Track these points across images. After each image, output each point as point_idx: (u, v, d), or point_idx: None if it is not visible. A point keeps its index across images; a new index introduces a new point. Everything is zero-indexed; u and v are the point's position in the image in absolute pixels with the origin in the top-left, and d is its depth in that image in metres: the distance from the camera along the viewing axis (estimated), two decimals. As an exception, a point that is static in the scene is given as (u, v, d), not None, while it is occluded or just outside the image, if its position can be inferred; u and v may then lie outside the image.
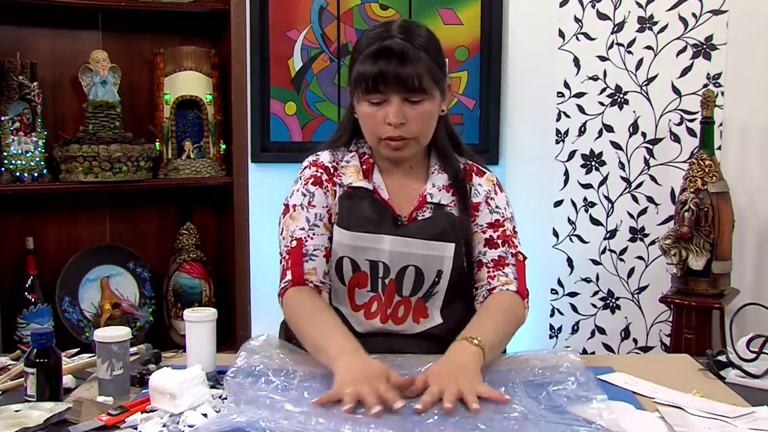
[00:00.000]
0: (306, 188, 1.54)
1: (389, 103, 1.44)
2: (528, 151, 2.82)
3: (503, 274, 1.52)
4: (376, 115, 1.46)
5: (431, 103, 1.47)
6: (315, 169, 1.56)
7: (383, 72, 1.42)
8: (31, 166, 2.36)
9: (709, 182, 2.36)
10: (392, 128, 1.45)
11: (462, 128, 2.85)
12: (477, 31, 2.83)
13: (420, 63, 1.43)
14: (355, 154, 1.57)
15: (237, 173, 2.56)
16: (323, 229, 1.51)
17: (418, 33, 1.47)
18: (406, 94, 1.44)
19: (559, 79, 2.75)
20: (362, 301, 1.52)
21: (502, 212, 1.57)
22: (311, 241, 1.50)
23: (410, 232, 1.49)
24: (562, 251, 2.80)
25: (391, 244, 1.48)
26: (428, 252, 1.48)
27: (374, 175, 1.55)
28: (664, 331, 2.67)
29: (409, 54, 1.42)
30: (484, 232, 1.55)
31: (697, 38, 2.59)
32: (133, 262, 2.57)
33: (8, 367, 1.44)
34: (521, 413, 1.15)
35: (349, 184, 1.54)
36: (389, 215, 1.52)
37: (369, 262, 1.49)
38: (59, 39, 2.51)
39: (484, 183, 1.59)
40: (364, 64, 1.44)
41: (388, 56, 1.42)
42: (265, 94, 2.84)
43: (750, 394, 1.31)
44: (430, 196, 1.54)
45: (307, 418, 1.10)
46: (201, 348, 1.40)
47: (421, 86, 1.43)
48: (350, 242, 1.49)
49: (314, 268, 1.49)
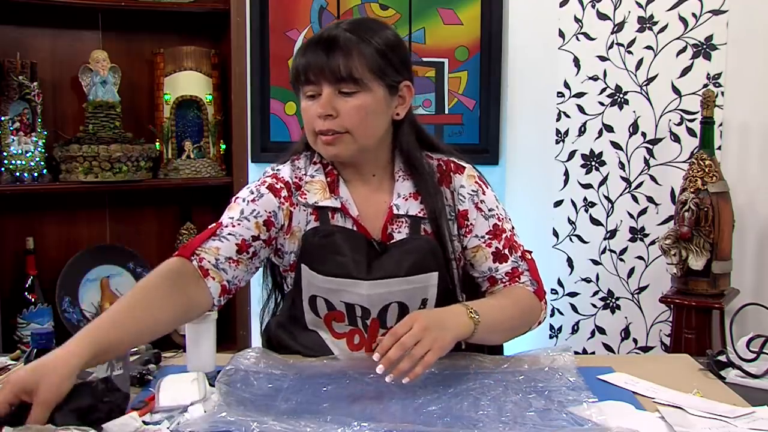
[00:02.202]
0: (258, 188, 1.44)
1: (322, 96, 1.37)
2: (528, 151, 2.82)
3: (520, 283, 1.48)
4: (310, 109, 1.38)
5: (368, 97, 1.37)
6: (274, 181, 1.45)
7: (311, 62, 1.36)
8: (31, 166, 2.36)
9: (709, 182, 2.36)
10: (321, 121, 1.36)
11: (462, 128, 2.86)
12: (477, 31, 2.83)
13: (354, 53, 1.35)
14: (320, 166, 1.47)
15: (237, 173, 2.56)
16: (253, 225, 1.39)
17: (369, 27, 1.41)
18: (337, 85, 1.35)
19: (559, 79, 2.75)
20: (342, 331, 1.45)
21: (496, 213, 1.49)
22: (231, 227, 1.38)
23: (388, 268, 1.39)
24: (562, 251, 2.80)
25: (369, 289, 1.39)
26: (411, 286, 1.40)
27: (340, 188, 1.45)
28: (664, 331, 2.67)
29: (340, 44, 1.35)
30: (489, 245, 1.47)
31: (697, 38, 2.59)
32: (133, 262, 2.57)
33: (8, 367, 1.44)
34: (512, 414, 1.15)
35: (314, 203, 1.43)
36: (362, 243, 1.41)
37: (345, 303, 1.41)
38: (59, 39, 2.51)
39: (466, 182, 1.49)
40: (297, 55, 1.39)
41: (317, 46, 1.36)
42: (265, 94, 2.84)
43: (750, 394, 1.31)
44: (396, 207, 1.44)
45: (296, 420, 1.10)
46: (201, 348, 1.40)
47: (351, 76, 1.35)
48: (323, 285, 1.40)
49: (217, 247, 1.35)
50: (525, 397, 1.23)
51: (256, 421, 1.08)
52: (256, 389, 1.24)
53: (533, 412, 1.16)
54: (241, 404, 1.17)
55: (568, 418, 1.14)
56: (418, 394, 1.23)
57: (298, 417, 1.12)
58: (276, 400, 1.20)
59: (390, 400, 1.21)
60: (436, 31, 2.83)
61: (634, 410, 1.21)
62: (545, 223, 2.80)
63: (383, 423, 1.11)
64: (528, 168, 2.82)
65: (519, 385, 1.27)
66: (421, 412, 1.16)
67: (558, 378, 1.30)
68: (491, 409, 1.17)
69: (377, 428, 1.08)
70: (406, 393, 1.23)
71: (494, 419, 1.13)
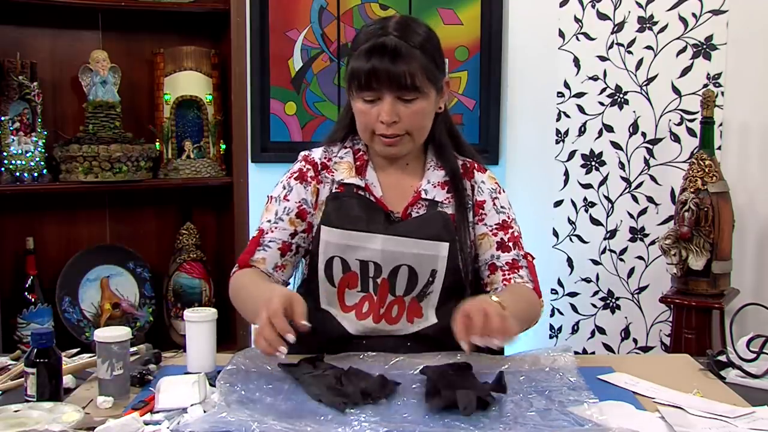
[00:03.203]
0: (288, 182, 1.56)
1: (382, 101, 1.44)
2: (528, 151, 2.82)
3: (519, 276, 1.53)
4: (370, 112, 1.46)
5: (425, 101, 1.46)
6: (303, 164, 1.57)
7: (375, 69, 1.41)
8: (31, 166, 2.36)
9: (709, 182, 2.36)
10: (385, 126, 1.45)
11: (462, 128, 2.86)
12: (477, 31, 2.84)
13: (413, 61, 1.42)
14: (350, 150, 1.57)
15: (237, 173, 2.56)
16: (287, 223, 1.52)
17: (414, 30, 1.46)
18: (399, 92, 1.43)
19: (559, 79, 2.75)
20: (353, 302, 1.50)
21: (508, 213, 1.58)
22: (271, 233, 1.52)
23: (402, 230, 1.48)
24: (562, 251, 2.80)
25: (383, 243, 1.46)
26: (422, 251, 1.47)
27: (368, 171, 1.55)
28: (664, 331, 2.67)
29: (402, 52, 1.41)
30: (494, 234, 1.55)
31: (697, 38, 2.59)
32: (133, 262, 2.57)
33: (8, 367, 1.44)
34: (512, 414, 1.15)
35: (340, 180, 1.53)
36: (380, 213, 1.50)
37: (360, 261, 1.48)
38: (59, 39, 2.51)
39: (487, 180, 1.59)
40: (358, 60, 1.44)
41: (381, 54, 1.41)
42: (265, 94, 2.84)
43: (750, 394, 1.31)
44: (424, 192, 1.53)
45: (296, 420, 1.10)
46: (201, 348, 1.40)
47: (413, 85, 1.42)
48: (340, 241, 1.48)
49: (263, 258, 1.51)
50: (525, 397, 1.23)
51: (256, 421, 1.08)
52: (256, 389, 1.24)
53: (534, 412, 1.16)
54: (241, 404, 1.17)
55: (568, 419, 1.14)
56: (419, 393, 1.23)
57: (298, 417, 1.12)
58: (276, 400, 1.20)
59: (390, 399, 1.21)
60: (436, 31, 2.81)
61: (634, 410, 1.21)
62: (545, 223, 2.80)
63: (383, 423, 1.11)
64: (528, 168, 2.82)
65: (519, 385, 1.28)
66: (421, 412, 1.16)
67: (558, 378, 1.30)
68: (492, 409, 1.17)
69: (377, 428, 1.08)
70: (407, 393, 1.23)
71: (494, 419, 1.14)
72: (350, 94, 1.50)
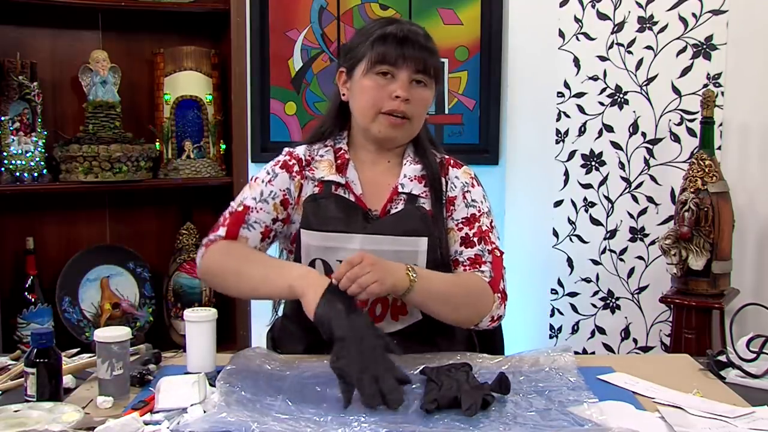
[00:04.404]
0: (273, 169, 1.57)
1: (396, 79, 1.48)
2: (528, 151, 2.82)
3: (480, 271, 1.51)
4: (384, 88, 1.48)
5: (430, 92, 1.53)
6: (288, 158, 1.58)
7: (403, 42, 1.47)
8: (31, 166, 2.36)
9: (709, 182, 2.36)
10: (398, 102, 1.48)
11: (462, 128, 2.86)
12: (477, 31, 2.83)
13: (433, 53, 1.52)
14: (330, 149, 1.58)
15: (237, 173, 2.56)
16: (272, 207, 1.53)
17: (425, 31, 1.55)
18: (416, 75, 1.49)
19: (559, 79, 2.75)
20: None
21: (478, 206, 1.57)
22: (256, 213, 1.52)
23: (380, 228, 1.49)
24: (562, 251, 2.80)
25: (362, 243, 1.46)
26: (401, 248, 1.47)
27: (348, 170, 1.55)
28: (664, 331, 2.67)
29: (424, 39, 1.51)
30: (459, 230, 1.54)
31: (697, 38, 2.59)
32: (133, 262, 2.57)
33: (8, 367, 1.44)
34: (512, 414, 1.15)
35: (320, 178, 1.54)
36: (359, 211, 1.51)
37: (340, 262, 1.45)
38: (59, 39, 2.51)
39: (461, 175, 1.60)
40: (385, 40, 1.48)
41: (406, 33, 1.49)
42: (265, 94, 2.84)
43: (750, 394, 1.31)
44: (401, 186, 1.54)
45: (296, 420, 1.10)
46: (201, 348, 1.40)
47: (429, 71, 1.50)
48: (320, 243, 1.48)
49: (247, 238, 1.51)
50: (525, 397, 1.23)
51: (256, 421, 1.08)
52: (256, 389, 1.24)
53: (534, 412, 1.17)
54: (241, 404, 1.17)
55: (568, 419, 1.14)
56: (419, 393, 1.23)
57: (298, 417, 1.12)
58: (276, 400, 1.21)
59: None
60: (436, 31, 2.82)
61: (634, 410, 1.21)
62: (545, 223, 2.80)
63: (383, 423, 1.11)
64: (528, 168, 2.82)
65: (519, 385, 1.28)
66: (421, 412, 1.16)
67: (558, 378, 1.31)
68: (491, 409, 1.17)
69: (377, 428, 1.09)
70: (407, 393, 1.23)
71: (494, 419, 1.14)
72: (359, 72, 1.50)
